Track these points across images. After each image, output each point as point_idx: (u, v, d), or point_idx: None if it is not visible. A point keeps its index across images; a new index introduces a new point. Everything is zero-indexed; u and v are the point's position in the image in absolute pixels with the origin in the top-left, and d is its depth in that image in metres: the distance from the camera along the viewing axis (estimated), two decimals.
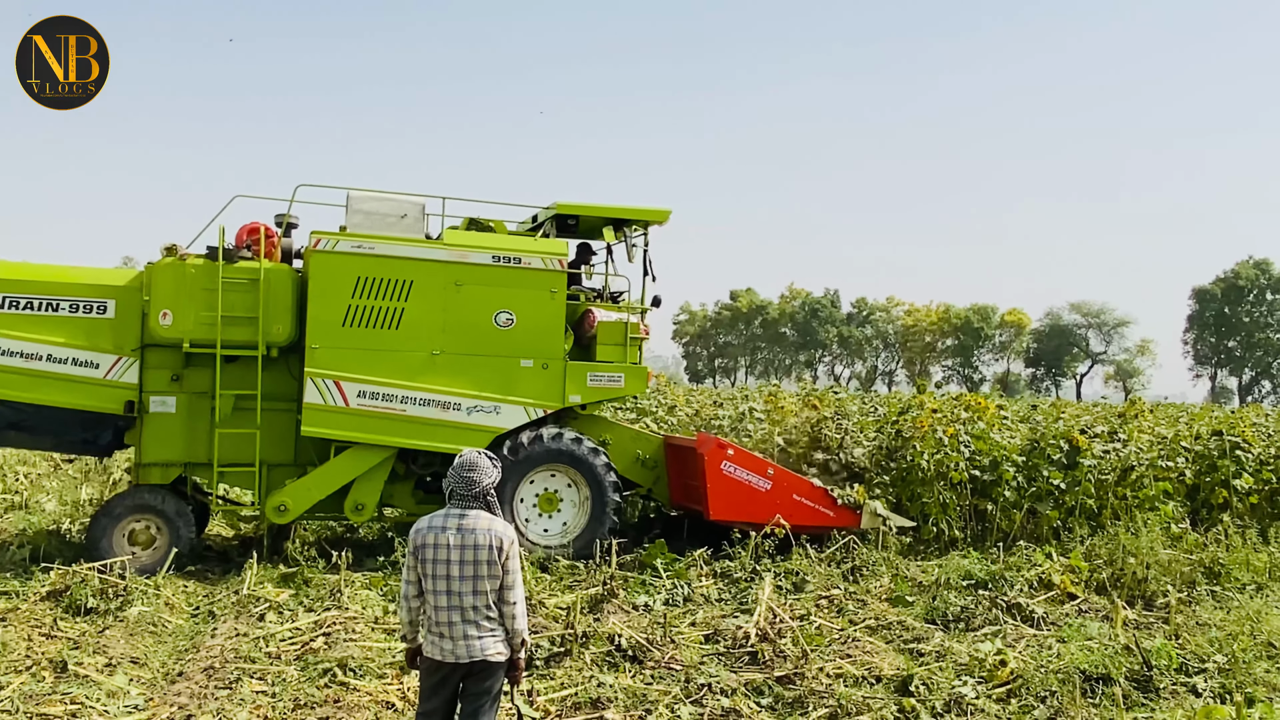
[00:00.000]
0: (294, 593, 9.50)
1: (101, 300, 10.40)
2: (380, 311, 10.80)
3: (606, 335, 11.71)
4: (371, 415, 10.73)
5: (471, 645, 4.85)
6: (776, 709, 6.93)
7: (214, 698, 6.79)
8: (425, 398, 10.89)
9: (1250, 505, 13.50)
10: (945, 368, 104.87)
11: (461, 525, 4.88)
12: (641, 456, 12.41)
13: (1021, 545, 11.50)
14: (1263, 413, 22.69)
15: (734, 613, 9.16)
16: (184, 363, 10.65)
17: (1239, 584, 10.54)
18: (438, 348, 11.01)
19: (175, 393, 10.72)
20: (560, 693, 7.02)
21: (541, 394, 11.28)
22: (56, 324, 10.23)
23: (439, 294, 10.96)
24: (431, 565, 4.85)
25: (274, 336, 10.58)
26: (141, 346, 10.51)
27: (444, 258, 11.00)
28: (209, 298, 10.32)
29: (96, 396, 10.32)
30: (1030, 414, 18.67)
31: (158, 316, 10.26)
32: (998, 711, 6.88)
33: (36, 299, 10.18)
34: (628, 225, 12.42)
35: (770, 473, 11.71)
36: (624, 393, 11.88)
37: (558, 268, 11.35)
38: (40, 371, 10.10)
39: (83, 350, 10.25)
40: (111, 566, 9.28)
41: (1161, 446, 14.03)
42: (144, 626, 8.47)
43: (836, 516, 11.82)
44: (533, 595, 9.17)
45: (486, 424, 11.08)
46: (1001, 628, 8.82)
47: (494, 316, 11.15)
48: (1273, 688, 7.31)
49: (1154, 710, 6.90)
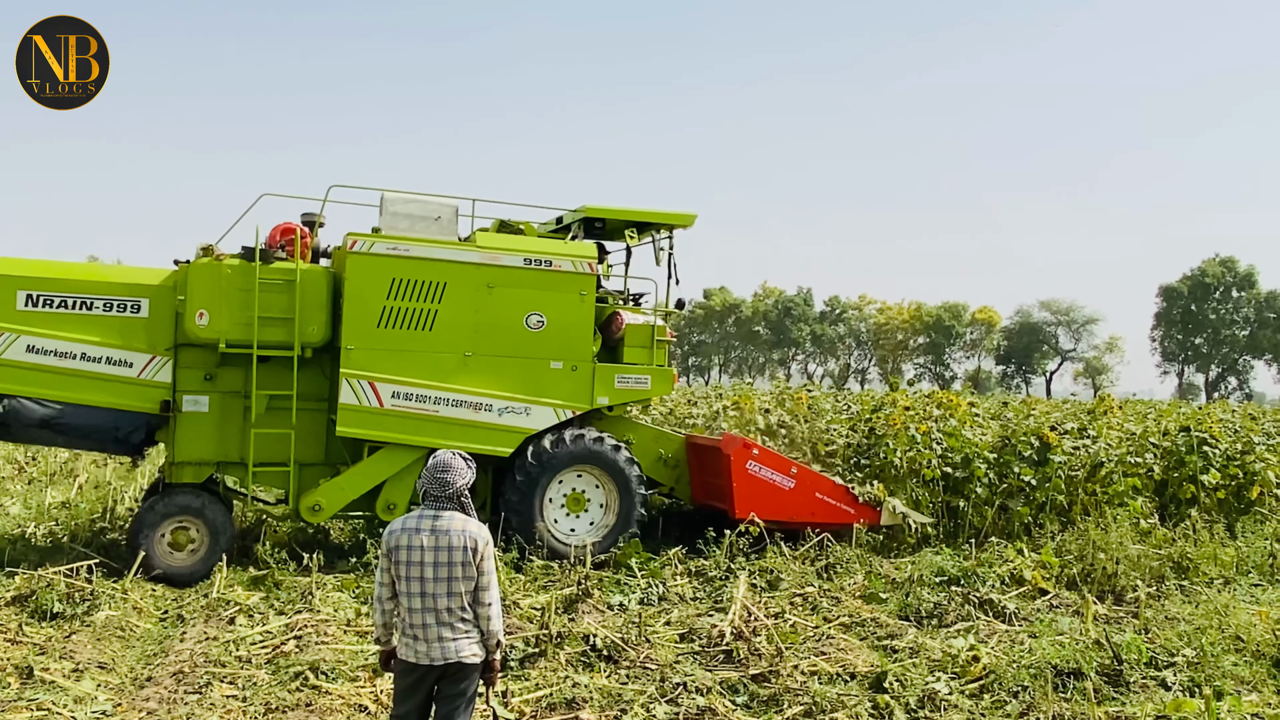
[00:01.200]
0: (264, 595, 9.41)
1: (135, 299, 10.42)
2: (414, 313, 10.86)
3: (634, 337, 11.82)
4: (405, 416, 10.80)
5: (446, 647, 4.82)
6: (752, 707, 6.95)
7: (183, 703, 6.72)
8: (457, 399, 10.96)
9: (1217, 500, 13.68)
10: (917, 365, 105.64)
11: (435, 526, 4.85)
12: (664, 455, 12.51)
13: (993, 541, 11.60)
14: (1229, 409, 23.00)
15: (709, 611, 9.17)
16: (217, 362, 10.68)
17: (1207, 578, 10.68)
18: (470, 349, 11.08)
19: (208, 392, 10.74)
20: (535, 693, 7.00)
21: (570, 395, 11.39)
22: (91, 323, 10.25)
23: (471, 296, 11.04)
24: (405, 567, 4.82)
25: (309, 337, 10.63)
26: (175, 346, 10.55)
27: (477, 260, 11.07)
28: (245, 298, 10.36)
29: (130, 395, 10.34)
30: (1001, 411, 18.82)
31: (194, 316, 10.27)
32: (971, 707, 6.93)
33: (71, 297, 10.21)
34: (654, 229, 12.53)
35: (793, 471, 11.87)
36: (650, 394, 12.04)
37: (587, 270, 11.43)
38: (74, 370, 10.13)
39: (117, 349, 10.29)
40: (77, 571, 9.17)
41: (1130, 443, 14.20)
42: (111, 631, 8.36)
43: (857, 513, 11.98)
44: (507, 595, 9.15)
45: (517, 425, 11.18)
46: (974, 624, 8.89)
47: (525, 318, 11.23)
48: (1241, 680, 7.40)
49: (1124, 704, 6.97)
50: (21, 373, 9.97)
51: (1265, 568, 11.24)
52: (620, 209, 12.07)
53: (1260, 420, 18.08)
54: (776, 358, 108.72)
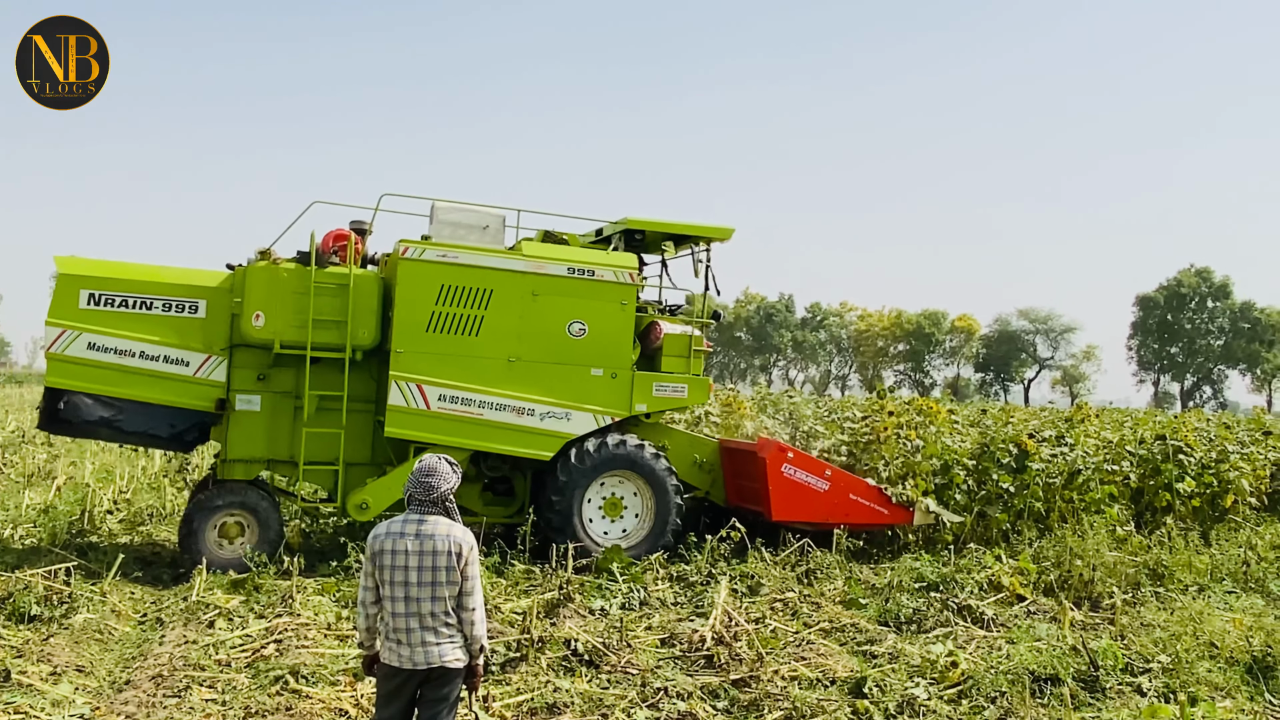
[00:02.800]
0: (244, 599, 9.34)
1: (193, 300, 10.61)
2: (461, 318, 11.06)
3: (672, 347, 12.03)
4: (451, 418, 10.98)
5: (429, 652, 4.81)
6: (732, 712, 6.96)
7: (162, 706, 6.67)
8: (501, 403, 11.13)
9: (1192, 508, 13.82)
10: (897, 372, 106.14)
11: (420, 531, 4.84)
12: (698, 460, 12.64)
13: (972, 548, 11.66)
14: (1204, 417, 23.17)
15: (690, 616, 9.17)
16: (270, 363, 10.88)
17: (1181, 585, 10.78)
18: (514, 355, 11.25)
19: (261, 392, 10.96)
20: (516, 698, 6.99)
21: (610, 402, 11.56)
22: (150, 322, 10.44)
23: (517, 303, 11.23)
24: (390, 571, 4.81)
25: (360, 340, 10.85)
26: (230, 346, 10.73)
27: (522, 268, 11.26)
28: (301, 301, 10.59)
29: (186, 393, 10.54)
30: (980, 418, 18.93)
31: (251, 318, 10.49)
32: (949, 712, 6.97)
33: (131, 297, 10.40)
34: (692, 241, 12.70)
35: (828, 474, 11.99)
36: (687, 403, 12.24)
37: (628, 281, 11.65)
38: (133, 368, 10.32)
39: (174, 348, 10.48)
40: (55, 573, 9.08)
41: (1107, 451, 14.30)
42: (90, 634, 8.29)
43: (891, 514, 12.13)
44: (489, 600, 9.13)
45: (558, 430, 11.36)
46: (953, 629, 8.93)
47: (568, 326, 11.42)
48: (1215, 687, 7.48)
49: (1101, 710, 7.03)
50: (82, 369, 10.19)
51: (1239, 575, 11.33)
52: (661, 221, 12.25)
53: (1234, 429, 18.22)
54: (758, 364, 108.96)
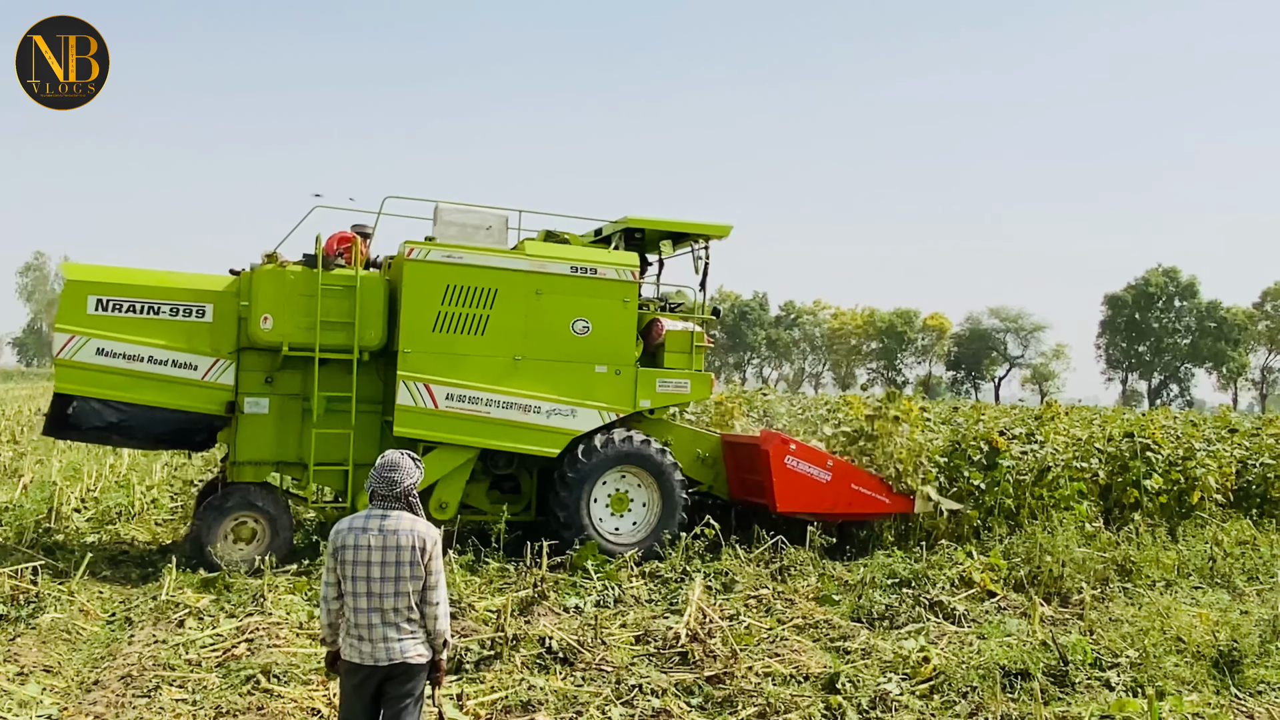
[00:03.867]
0: (215, 598, 9.26)
1: (200, 304, 10.67)
2: (467, 318, 11.13)
3: (674, 343, 12.14)
4: (458, 417, 11.05)
5: (391, 648, 4.77)
6: (706, 708, 6.97)
7: (131, 706, 6.60)
8: (508, 400, 11.21)
9: (1160, 505, 13.96)
10: (870, 370, 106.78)
11: (383, 526, 4.81)
12: (701, 455, 12.72)
13: (943, 544, 11.74)
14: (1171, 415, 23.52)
15: (664, 613, 9.18)
16: (277, 366, 10.94)
17: (1149, 581, 10.89)
18: (519, 353, 11.32)
19: (268, 394, 11.01)
20: (490, 696, 6.97)
21: (614, 398, 11.64)
22: (158, 327, 10.50)
23: (521, 302, 11.31)
24: (352, 566, 4.77)
25: (367, 341, 10.93)
26: (238, 349, 10.79)
27: (526, 268, 11.36)
28: (308, 303, 10.64)
29: (195, 397, 10.61)
30: (951, 416, 19.10)
31: (258, 321, 10.55)
32: (921, 707, 7.01)
33: (139, 302, 10.46)
34: (692, 239, 12.77)
35: (830, 464, 12.10)
36: (690, 398, 12.37)
37: (630, 278, 11.74)
38: (142, 372, 10.37)
39: (182, 352, 10.54)
40: (22, 572, 8.96)
41: (1076, 448, 14.44)
42: (58, 634, 8.19)
43: (892, 503, 12.27)
44: (462, 598, 9.09)
45: (563, 426, 11.43)
46: (924, 625, 8.99)
47: (571, 324, 11.50)
48: (1182, 681, 7.55)
49: (1070, 704, 7.08)
50: (92, 375, 10.24)
51: (1205, 571, 11.46)
52: (660, 220, 12.35)
53: (1200, 427, 18.47)
54: (732, 361, 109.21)
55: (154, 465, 17.94)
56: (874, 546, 12.26)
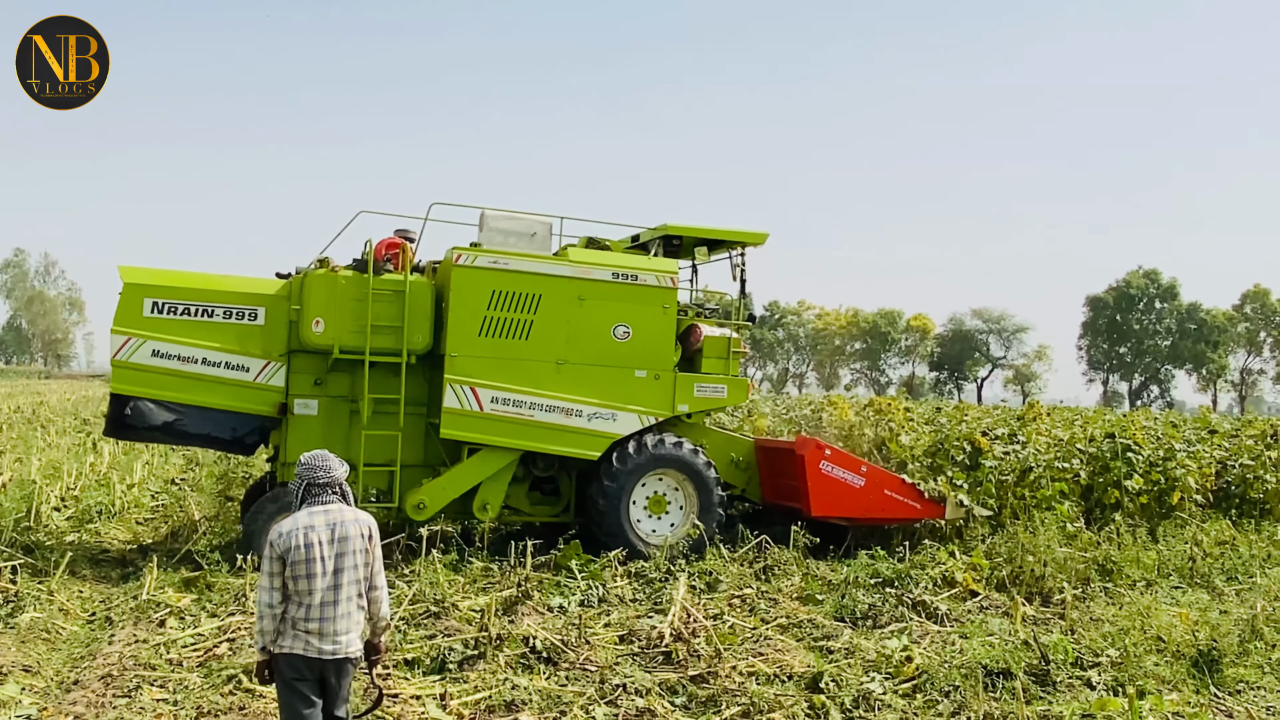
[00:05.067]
0: (196, 598, 9.20)
1: (253, 308, 10.80)
2: (512, 323, 11.27)
3: (711, 349, 12.27)
4: (502, 420, 11.21)
5: (339, 641, 4.94)
6: (690, 708, 6.97)
7: (112, 706, 6.56)
8: (550, 404, 11.35)
9: (1140, 505, 14.03)
10: (854, 370, 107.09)
11: (329, 520, 4.95)
12: (735, 459, 12.87)
13: (926, 544, 11.77)
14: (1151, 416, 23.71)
15: (648, 613, 9.17)
16: (327, 368, 11.07)
17: (1130, 581, 10.96)
18: (562, 358, 11.47)
19: (317, 396, 11.12)
20: (474, 695, 6.95)
21: (653, 403, 11.80)
22: (211, 329, 10.64)
23: (564, 308, 11.45)
24: (305, 565, 4.85)
25: (415, 344, 11.08)
26: (289, 352, 10.91)
27: (569, 274, 11.48)
28: (359, 308, 10.79)
29: (247, 398, 10.76)
30: (935, 416, 19.15)
31: (310, 324, 10.70)
32: (904, 707, 7.03)
33: (193, 305, 10.59)
34: (729, 247, 12.89)
35: (863, 470, 12.27)
36: (726, 403, 12.53)
37: (669, 285, 11.89)
38: (196, 374, 10.52)
39: (235, 354, 10.68)
40: (2, 571, 8.89)
41: (1058, 448, 14.51)
42: (37, 633, 8.13)
43: (924, 509, 12.42)
44: (446, 597, 9.05)
45: (604, 430, 11.58)
46: (907, 624, 9.02)
47: (612, 329, 11.65)
48: (1162, 680, 7.61)
49: (1052, 703, 7.13)
50: (147, 376, 10.38)
51: (1185, 571, 11.55)
52: (699, 227, 12.48)
53: (1181, 428, 18.63)
54: None
55: (134, 464, 17.80)
56: (857, 547, 12.30)
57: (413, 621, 8.54)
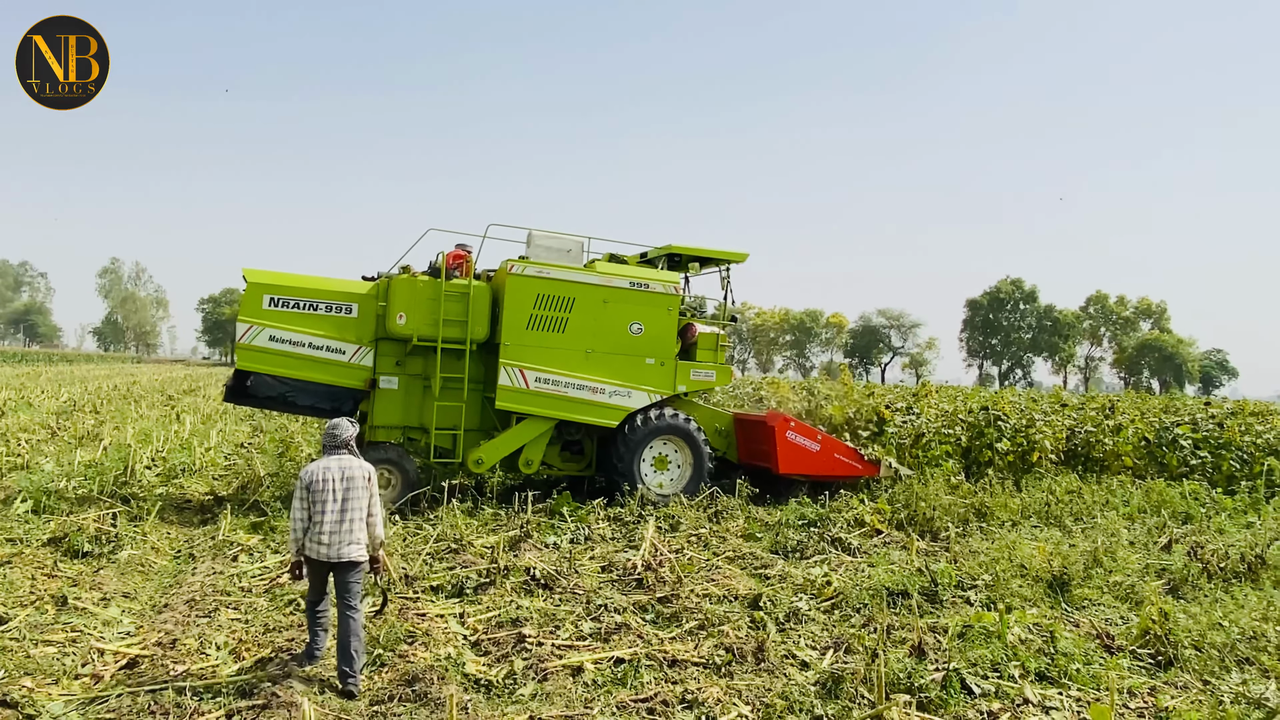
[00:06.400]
0: (262, 538, 9.12)
1: (349, 304, 10.93)
2: (551, 319, 11.44)
3: (704, 342, 12.43)
4: (544, 395, 11.39)
5: (342, 550, 5.55)
6: (658, 623, 7.00)
7: (195, 625, 6.49)
8: (580, 383, 11.53)
9: (1008, 462, 14.18)
10: (785, 357, 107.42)
11: (340, 465, 5.65)
12: (719, 428, 13.01)
13: (842, 493, 11.87)
14: (1016, 394, 23.95)
15: (624, 549, 9.19)
16: (406, 352, 11.20)
17: (999, 521, 11.07)
18: (590, 347, 11.62)
19: (398, 374, 11.25)
20: (487, 614, 6.94)
21: (659, 384, 11.95)
22: (316, 320, 10.78)
23: (592, 308, 11.61)
24: (321, 494, 5.54)
25: (476, 335, 11.22)
26: (376, 339, 11.04)
27: (596, 282, 11.66)
28: (433, 305, 11.00)
29: (343, 375, 10.90)
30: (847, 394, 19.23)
31: (395, 317, 10.87)
32: (825, 620, 7.10)
33: (302, 300, 10.72)
34: (718, 263, 12.98)
35: (819, 438, 12.37)
36: (715, 384, 12.59)
37: (673, 292, 12.07)
38: (304, 355, 10.69)
39: (334, 340, 10.83)
40: (103, 518, 8.75)
41: (944, 418, 14.66)
42: (133, 567, 8.02)
43: (864, 468, 12.58)
44: (463, 537, 9.03)
45: (621, 404, 11.73)
46: (828, 556, 9.10)
47: (629, 326, 11.81)
48: (1024, 598, 7.73)
49: (939, 616, 7.21)
50: (265, 356, 10.55)
51: (1042, 513, 11.66)
52: (695, 247, 12.65)
53: (1039, 402, 18.84)
54: None
55: (210, 431, 17.56)
56: (788, 496, 12.38)
57: (436, 556, 8.51)
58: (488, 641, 6.36)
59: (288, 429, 18.35)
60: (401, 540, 9.10)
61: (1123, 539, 9.98)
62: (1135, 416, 17.14)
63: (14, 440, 14.54)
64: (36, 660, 5.69)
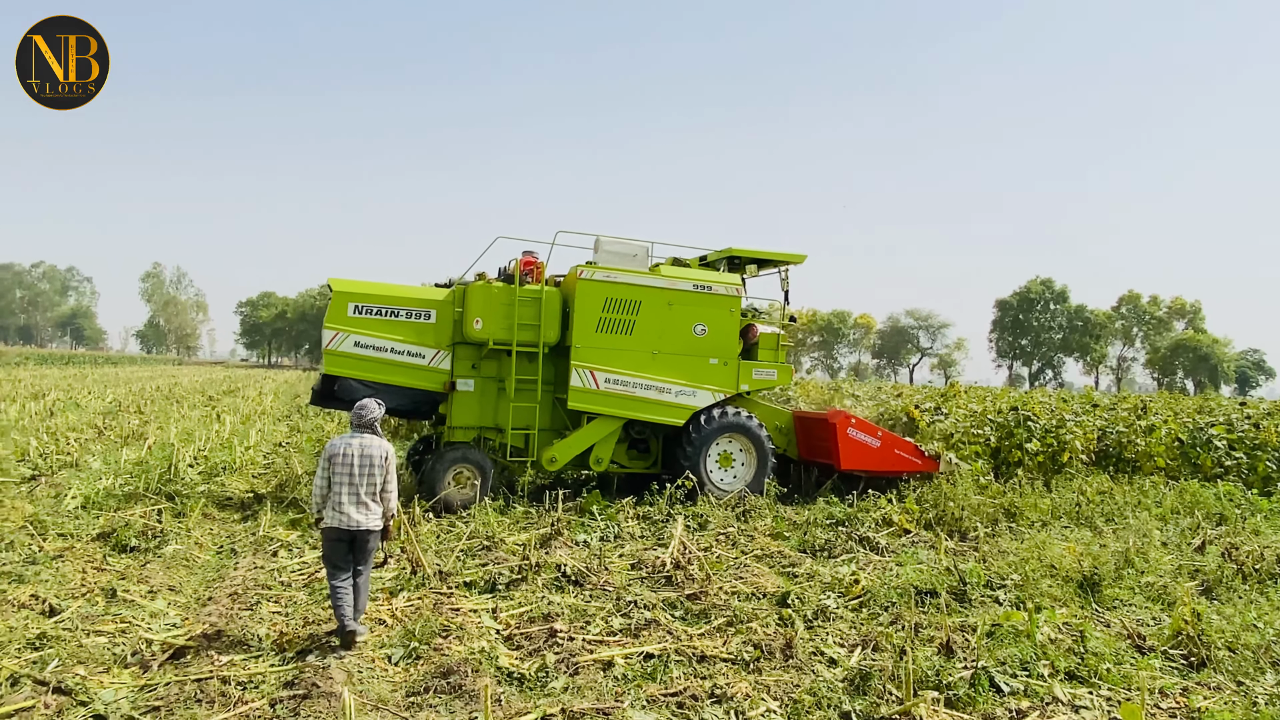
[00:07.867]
0: (300, 534, 9.29)
1: (428, 310, 11.16)
2: (620, 322, 11.63)
3: (766, 343, 12.57)
4: (613, 395, 11.56)
5: (358, 519, 6.02)
6: (686, 619, 7.02)
7: (238, 617, 6.64)
8: (647, 384, 11.72)
9: (1037, 463, 14.00)
10: (813, 358, 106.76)
11: (361, 443, 6.09)
12: (779, 426, 13.12)
13: (870, 493, 11.80)
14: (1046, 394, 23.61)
15: (653, 546, 9.22)
16: (481, 356, 11.46)
17: (1029, 521, 10.96)
18: (656, 349, 11.79)
19: (474, 377, 11.51)
20: (519, 609, 7.02)
21: (723, 383, 12.10)
22: (397, 326, 11.02)
23: (658, 311, 11.78)
24: (340, 467, 6.02)
25: (548, 339, 11.42)
26: (453, 344, 11.29)
27: (661, 285, 11.81)
28: (508, 310, 11.22)
29: (423, 378, 11.13)
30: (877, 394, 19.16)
31: (472, 322, 11.11)
32: (853, 617, 7.08)
33: (384, 308, 10.97)
34: (776, 264, 13.09)
35: (879, 434, 12.41)
36: (776, 384, 12.72)
37: (735, 293, 12.18)
38: (387, 360, 10.95)
39: (414, 345, 11.08)
40: (149, 514, 8.97)
41: (973, 419, 14.50)
42: (179, 561, 8.22)
43: (924, 464, 12.63)
44: (495, 534, 9.12)
45: (687, 403, 11.87)
46: (855, 555, 9.07)
47: (693, 327, 11.96)
48: (1054, 598, 7.65)
49: (968, 615, 7.16)
50: (351, 361, 10.82)
51: (1072, 514, 11.53)
52: (754, 250, 12.78)
53: (1070, 403, 18.57)
54: None
55: (250, 431, 17.89)
56: (817, 495, 12.34)
57: (469, 553, 8.60)
58: (520, 636, 6.43)
59: (324, 429, 18.63)
60: (435, 537, 9.22)
61: (1155, 540, 9.82)
62: (1168, 417, 16.84)
63: (64, 439, 14.92)
64: (89, 649, 5.86)
